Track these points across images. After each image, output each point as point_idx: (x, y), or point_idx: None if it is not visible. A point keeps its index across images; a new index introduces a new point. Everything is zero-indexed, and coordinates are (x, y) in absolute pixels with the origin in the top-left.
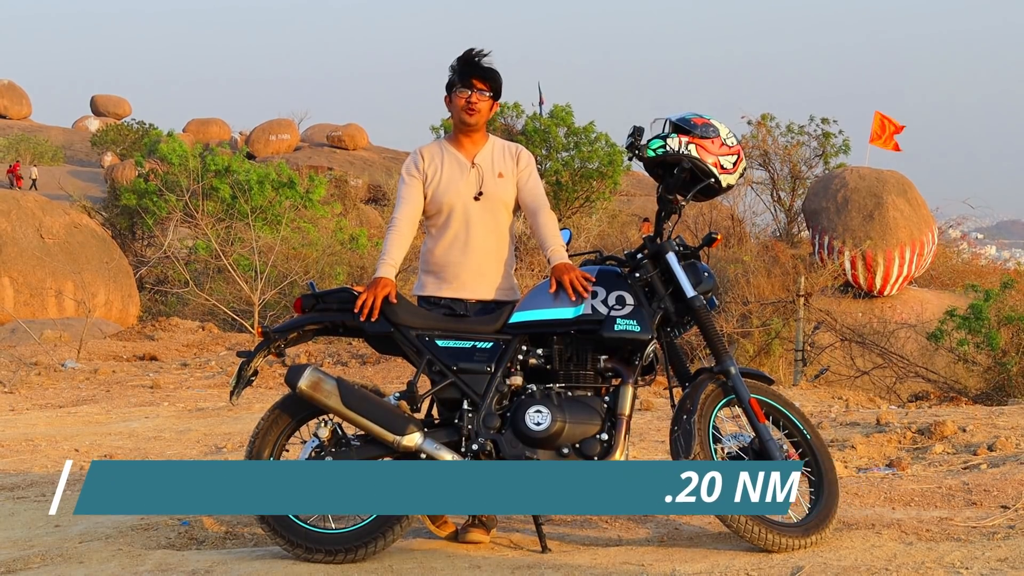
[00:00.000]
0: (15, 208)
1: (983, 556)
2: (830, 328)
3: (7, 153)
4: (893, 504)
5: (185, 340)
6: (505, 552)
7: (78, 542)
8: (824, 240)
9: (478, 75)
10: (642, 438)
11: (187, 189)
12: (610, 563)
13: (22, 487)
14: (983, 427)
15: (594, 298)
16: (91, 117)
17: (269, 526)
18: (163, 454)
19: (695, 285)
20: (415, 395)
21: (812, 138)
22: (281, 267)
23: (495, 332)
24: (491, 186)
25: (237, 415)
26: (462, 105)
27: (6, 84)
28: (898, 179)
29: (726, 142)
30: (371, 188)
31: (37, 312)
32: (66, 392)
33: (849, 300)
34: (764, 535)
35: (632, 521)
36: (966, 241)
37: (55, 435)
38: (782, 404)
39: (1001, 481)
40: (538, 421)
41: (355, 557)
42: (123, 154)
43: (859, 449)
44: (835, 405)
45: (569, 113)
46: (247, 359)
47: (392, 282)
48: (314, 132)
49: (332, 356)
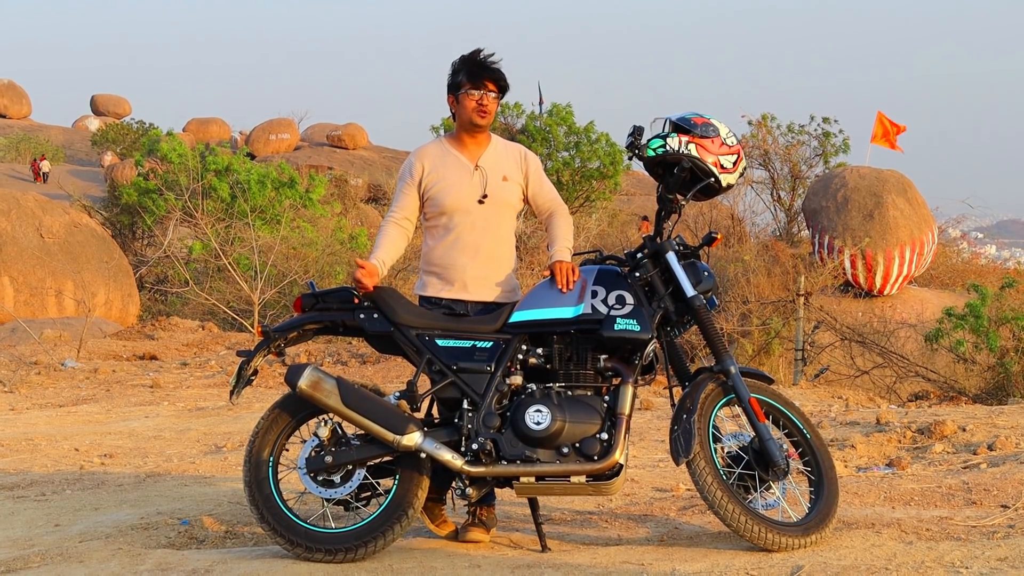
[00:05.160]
0: (15, 207)
1: (983, 555)
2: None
3: (7, 153)
4: (893, 503)
5: (185, 339)
6: (505, 551)
7: (78, 541)
8: (824, 239)
9: (489, 76)
10: (642, 437)
11: (187, 188)
12: (610, 562)
13: (22, 487)
14: (983, 426)
15: (594, 297)
16: (91, 117)
17: (269, 525)
18: (163, 453)
19: (695, 284)
20: (415, 394)
21: (812, 138)
22: (281, 266)
23: (495, 331)
24: (495, 189)
25: (237, 414)
26: (473, 107)
27: (6, 84)
28: (898, 178)
29: (726, 141)
30: (371, 188)
31: (37, 311)
32: (66, 391)
33: (849, 299)
34: (764, 534)
35: (632, 520)
36: (966, 240)
37: (55, 434)
38: (782, 403)
39: (1001, 480)
40: (538, 420)
41: (355, 556)
42: (123, 154)
43: (859, 448)
44: (835, 404)
45: (570, 113)
46: (247, 358)
47: (374, 266)
48: (314, 132)
49: (332, 355)
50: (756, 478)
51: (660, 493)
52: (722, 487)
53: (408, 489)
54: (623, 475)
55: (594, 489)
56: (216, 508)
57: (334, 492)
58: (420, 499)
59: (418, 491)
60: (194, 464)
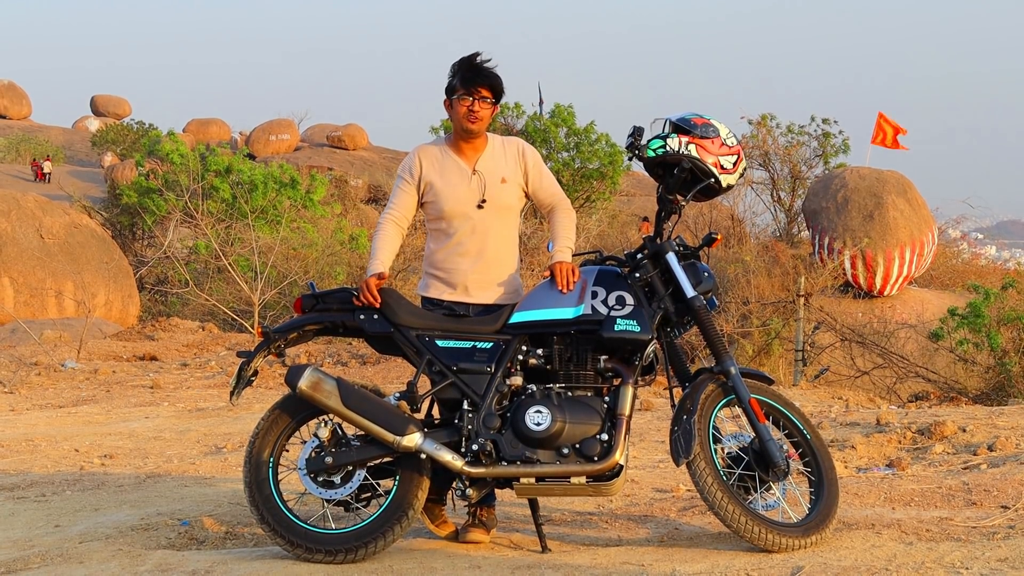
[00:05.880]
0: (15, 208)
1: (983, 556)
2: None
3: (7, 153)
4: (893, 504)
5: (185, 340)
6: (505, 552)
7: (78, 542)
8: (824, 240)
9: (481, 81)
10: (642, 438)
11: (187, 189)
12: (610, 563)
13: (22, 487)
14: (983, 427)
15: (594, 298)
16: (91, 117)
17: (269, 526)
18: (163, 454)
19: (695, 285)
20: (415, 395)
21: (812, 138)
22: (281, 267)
23: (495, 332)
24: (494, 193)
25: (237, 415)
26: (464, 113)
27: (6, 84)
28: (898, 179)
29: (726, 142)
30: (371, 188)
31: (37, 312)
32: (66, 392)
33: (849, 300)
34: (764, 535)
35: (632, 521)
36: (966, 241)
37: (55, 435)
38: (782, 404)
39: (1001, 481)
40: (538, 421)
41: (355, 557)
42: (123, 154)
43: (859, 449)
44: (835, 405)
45: (571, 113)
46: (247, 359)
47: (386, 274)
48: (314, 132)
49: (332, 356)
50: (756, 479)
51: (660, 494)
52: (722, 488)
53: (408, 490)
54: (623, 476)
55: (594, 490)
56: (216, 509)
57: (334, 493)
58: (420, 500)
59: (418, 492)
60: (194, 465)
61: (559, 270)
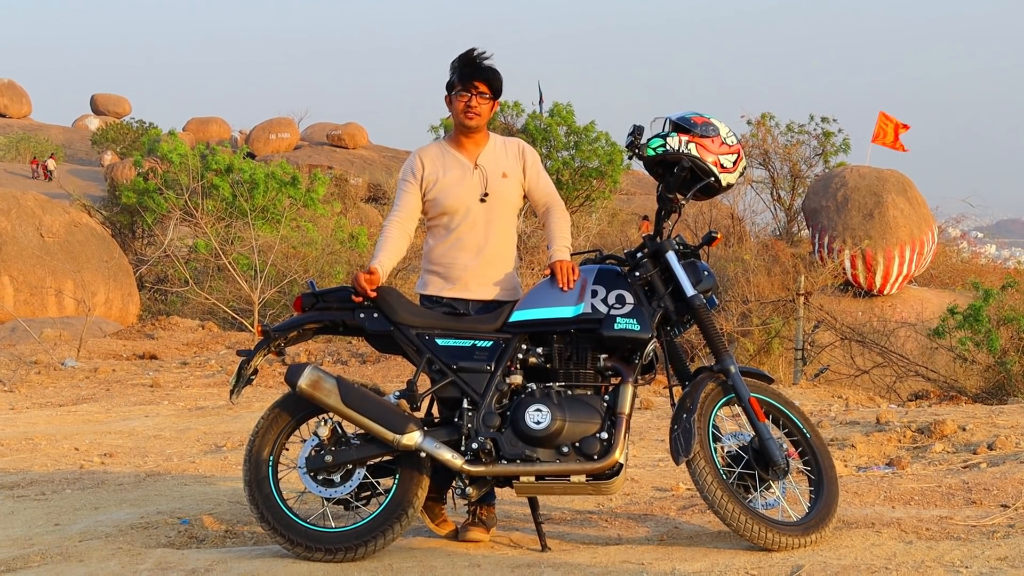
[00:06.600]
0: (15, 207)
1: (983, 555)
2: (830, 327)
3: (7, 152)
4: (893, 503)
5: (185, 339)
6: (505, 551)
7: (78, 541)
8: (824, 239)
9: (479, 77)
10: (642, 437)
11: (187, 188)
12: (610, 562)
13: (22, 486)
14: (983, 426)
15: (594, 297)
16: (91, 116)
17: (269, 525)
18: (163, 452)
19: (695, 284)
20: (415, 394)
21: (812, 137)
22: (281, 266)
23: (495, 331)
24: (495, 187)
25: (237, 414)
26: (461, 108)
27: (6, 83)
28: (898, 178)
29: (726, 141)
30: (371, 187)
31: (37, 311)
32: (66, 391)
33: (849, 299)
34: (764, 534)
35: (632, 520)
36: (966, 240)
37: (55, 434)
38: (782, 403)
39: (1001, 480)
40: (538, 420)
41: (355, 556)
42: (123, 153)
43: (859, 448)
44: (835, 404)
45: (570, 112)
46: (247, 358)
47: (377, 269)
48: (314, 131)
49: (332, 355)
50: (756, 477)
51: (660, 492)
52: (722, 486)
53: (408, 488)
54: (623, 474)
55: (594, 488)
56: (216, 507)
57: (334, 491)
58: (420, 498)
59: (418, 490)
60: (194, 463)
61: (559, 268)
